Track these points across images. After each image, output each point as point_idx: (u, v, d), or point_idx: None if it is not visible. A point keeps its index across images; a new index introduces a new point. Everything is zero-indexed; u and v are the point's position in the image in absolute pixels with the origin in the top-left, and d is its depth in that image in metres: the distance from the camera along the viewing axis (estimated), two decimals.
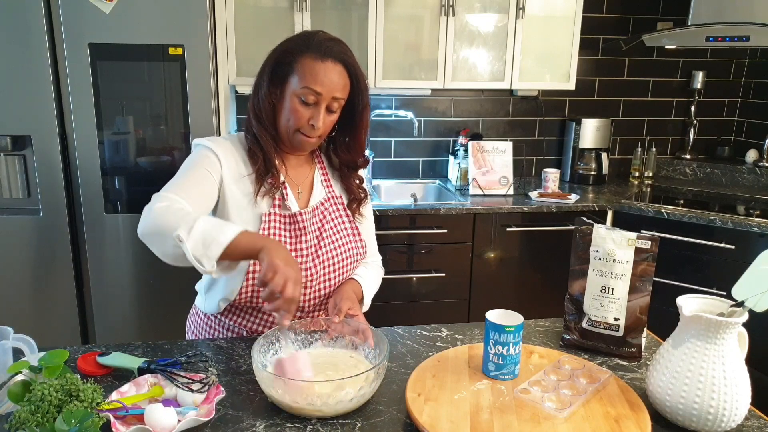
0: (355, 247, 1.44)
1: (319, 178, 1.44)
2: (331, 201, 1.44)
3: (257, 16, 2.69)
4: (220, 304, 1.38)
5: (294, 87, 1.28)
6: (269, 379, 1.08)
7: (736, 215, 2.64)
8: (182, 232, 1.12)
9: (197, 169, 1.30)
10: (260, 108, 1.32)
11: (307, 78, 1.26)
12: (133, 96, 2.29)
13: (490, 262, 2.83)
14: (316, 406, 1.04)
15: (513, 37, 2.89)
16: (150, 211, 1.19)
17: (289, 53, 1.29)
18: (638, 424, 1.01)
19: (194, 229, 1.13)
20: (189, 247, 1.11)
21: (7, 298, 2.33)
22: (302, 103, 1.28)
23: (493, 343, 1.15)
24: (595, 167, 3.26)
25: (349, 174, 1.47)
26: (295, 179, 1.41)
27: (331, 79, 1.27)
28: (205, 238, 1.13)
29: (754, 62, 3.44)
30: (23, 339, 1.16)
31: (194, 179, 1.29)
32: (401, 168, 3.32)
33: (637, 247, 1.27)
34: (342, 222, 1.44)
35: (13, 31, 2.14)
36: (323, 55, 1.27)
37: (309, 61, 1.27)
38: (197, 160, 1.31)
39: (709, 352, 1.01)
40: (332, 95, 1.28)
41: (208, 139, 1.35)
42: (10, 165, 2.28)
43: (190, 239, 1.12)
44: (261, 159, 1.33)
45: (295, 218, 1.35)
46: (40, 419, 0.92)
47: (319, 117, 1.29)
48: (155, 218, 1.17)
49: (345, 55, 1.30)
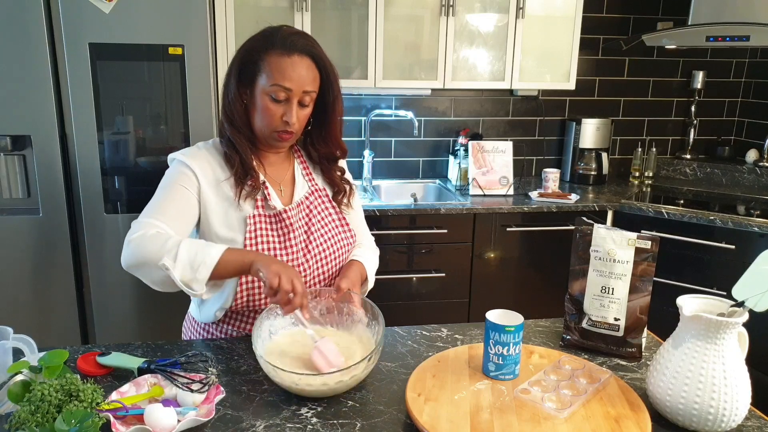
0: (345, 237, 1.44)
1: (300, 173, 1.44)
2: (316, 194, 1.43)
3: (257, 16, 2.69)
4: (217, 314, 1.37)
5: (263, 85, 1.27)
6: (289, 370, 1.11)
7: (736, 215, 2.64)
8: (167, 260, 1.14)
9: (173, 188, 1.29)
10: (232, 111, 1.31)
11: (275, 75, 1.25)
12: (133, 96, 2.28)
13: (490, 262, 2.83)
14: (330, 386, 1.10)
15: (513, 37, 2.89)
16: (129, 242, 1.21)
17: (254, 52, 1.28)
18: (638, 424, 1.01)
19: (179, 255, 1.15)
20: (177, 275, 1.14)
21: (7, 298, 2.33)
22: (273, 100, 1.27)
23: (493, 343, 1.15)
24: (595, 167, 3.26)
25: (330, 166, 1.46)
26: (275, 177, 1.40)
27: (299, 74, 1.26)
28: (192, 261, 1.15)
29: (754, 62, 3.44)
30: (23, 339, 1.16)
31: (171, 198, 1.28)
32: (401, 168, 3.32)
33: (637, 247, 1.27)
34: (329, 214, 1.44)
35: (13, 31, 2.14)
36: (289, 50, 1.26)
37: (275, 57, 1.26)
38: (172, 178, 1.31)
39: (709, 352, 1.01)
40: (303, 89, 1.27)
41: (181, 152, 1.34)
42: (10, 165, 2.28)
43: (177, 266, 1.14)
44: (238, 162, 1.32)
45: (280, 216, 1.35)
46: (40, 419, 0.92)
47: (291, 113, 1.28)
48: (135, 249, 1.19)
49: (311, 47, 1.29)
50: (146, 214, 1.26)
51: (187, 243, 1.17)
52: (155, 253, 1.16)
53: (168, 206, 1.27)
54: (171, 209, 1.27)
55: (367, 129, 3.15)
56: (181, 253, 1.15)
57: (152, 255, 1.16)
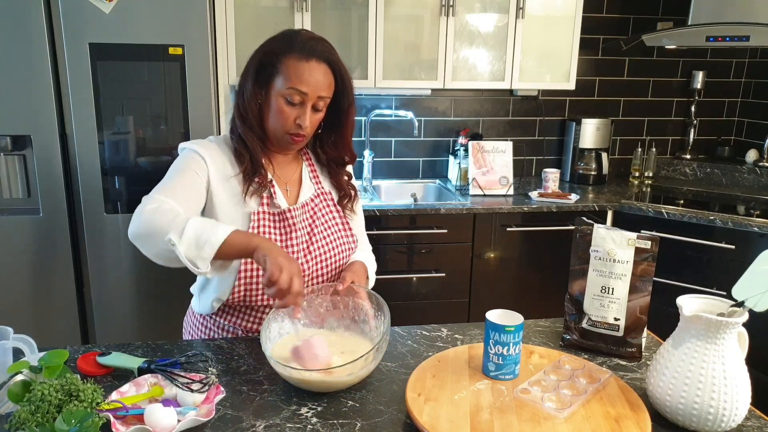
0: (346, 242, 1.45)
1: (307, 174, 1.45)
2: (321, 197, 1.44)
3: (257, 16, 2.69)
4: (214, 305, 1.38)
5: (279, 88, 1.28)
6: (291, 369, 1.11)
7: (736, 215, 2.64)
8: (174, 235, 1.13)
9: (185, 171, 1.30)
10: (245, 109, 1.32)
11: (292, 78, 1.27)
12: (133, 96, 2.28)
13: (490, 262, 2.83)
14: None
15: (513, 37, 2.89)
16: (140, 213, 1.20)
17: (273, 54, 1.29)
18: (638, 424, 1.01)
19: (186, 231, 1.14)
20: (182, 250, 1.13)
21: (7, 298, 2.33)
22: (288, 103, 1.29)
23: (493, 343, 1.15)
24: (595, 167, 3.26)
25: (337, 170, 1.48)
26: (282, 177, 1.41)
27: (316, 79, 1.27)
28: (198, 239, 1.14)
29: (754, 62, 3.44)
30: (23, 339, 1.16)
31: (183, 181, 1.29)
32: (401, 168, 3.32)
33: (637, 247, 1.27)
34: (333, 218, 1.45)
35: (13, 31, 2.14)
36: (307, 55, 1.27)
37: (293, 61, 1.27)
38: (184, 162, 1.32)
39: (709, 352, 1.01)
40: (318, 94, 1.29)
41: (193, 142, 1.35)
42: (10, 165, 2.28)
43: (183, 242, 1.13)
44: (247, 159, 1.33)
45: (284, 215, 1.36)
46: (40, 419, 0.92)
47: (305, 117, 1.29)
48: (145, 220, 1.19)
49: (329, 53, 1.30)
50: (158, 192, 1.26)
51: (196, 220, 1.17)
52: (164, 226, 1.16)
53: (179, 188, 1.28)
54: (182, 192, 1.28)
55: (367, 129, 3.15)
56: (188, 229, 1.14)
57: (161, 228, 1.16)
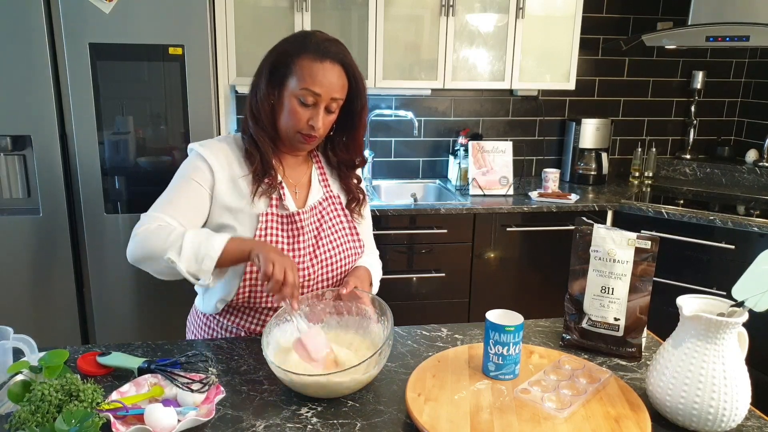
0: (353, 247, 1.44)
1: (316, 178, 1.45)
2: (329, 201, 1.44)
3: (257, 16, 2.69)
4: (218, 305, 1.39)
5: (293, 88, 1.28)
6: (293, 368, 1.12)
7: (736, 215, 2.64)
8: (172, 254, 1.17)
9: (187, 182, 1.32)
10: (258, 109, 1.33)
11: (305, 79, 1.27)
12: (133, 96, 2.29)
13: (490, 262, 2.83)
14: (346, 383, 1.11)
15: (513, 37, 2.89)
16: (134, 236, 1.25)
17: (287, 54, 1.29)
18: (638, 424, 1.01)
19: (184, 248, 1.18)
20: (183, 267, 1.18)
21: (7, 298, 2.33)
22: (301, 104, 1.29)
23: (493, 343, 1.15)
24: (595, 167, 3.26)
25: (347, 173, 1.48)
26: (292, 179, 1.41)
27: (329, 80, 1.28)
28: (197, 254, 1.18)
29: (754, 62, 3.44)
30: (23, 339, 1.16)
31: (183, 193, 1.31)
32: (401, 168, 3.32)
33: (637, 247, 1.27)
34: (340, 222, 1.44)
35: (13, 31, 2.14)
36: (321, 56, 1.27)
37: (307, 62, 1.27)
38: (187, 171, 1.33)
39: (709, 352, 1.01)
40: (331, 96, 1.29)
41: (201, 144, 1.35)
42: (10, 165, 2.28)
43: (182, 259, 1.18)
44: (258, 160, 1.33)
45: (292, 218, 1.36)
46: (40, 419, 0.92)
47: (318, 118, 1.30)
48: (141, 243, 1.23)
49: (343, 55, 1.30)
50: (156, 208, 1.30)
51: (191, 235, 1.20)
52: (159, 247, 1.20)
53: (180, 201, 1.30)
54: (182, 203, 1.30)
55: (367, 129, 3.15)
56: (186, 246, 1.18)
57: (157, 249, 1.20)
